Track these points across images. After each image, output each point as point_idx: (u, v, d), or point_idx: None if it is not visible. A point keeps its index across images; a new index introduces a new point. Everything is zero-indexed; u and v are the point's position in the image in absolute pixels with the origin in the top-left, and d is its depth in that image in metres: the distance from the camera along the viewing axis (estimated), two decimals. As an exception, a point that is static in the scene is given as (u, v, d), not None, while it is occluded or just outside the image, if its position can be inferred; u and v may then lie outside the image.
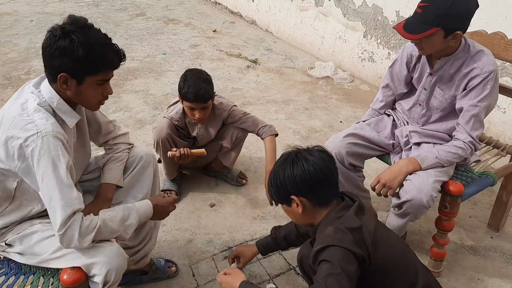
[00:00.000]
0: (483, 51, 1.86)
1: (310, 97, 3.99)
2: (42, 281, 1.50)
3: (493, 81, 1.84)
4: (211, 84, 2.35)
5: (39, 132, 1.35)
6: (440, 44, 1.81)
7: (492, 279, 2.09)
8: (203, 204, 2.58)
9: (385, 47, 4.06)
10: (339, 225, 1.31)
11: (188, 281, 2.06)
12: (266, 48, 5.19)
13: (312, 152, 1.39)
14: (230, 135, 2.58)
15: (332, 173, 1.40)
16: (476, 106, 1.86)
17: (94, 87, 1.45)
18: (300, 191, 1.38)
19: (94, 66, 1.40)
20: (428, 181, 1.80)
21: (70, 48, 1.35)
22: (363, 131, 2.14)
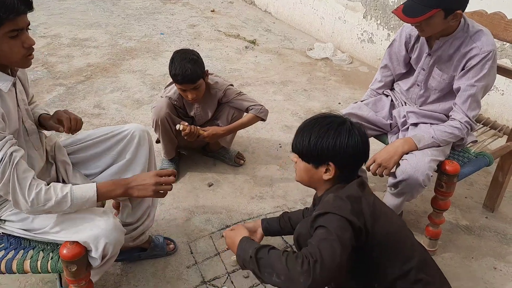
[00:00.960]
0: (482, 31, 1.86)
1: (309, 78, 3.98)
2: (42, 256, 1.51)
3: (492, 60, 1.84)
4: (199, 63, 2.32)
5: None
6: (441, 24, 1.80)
7: (486, 258, 2.13)
8: (201, 184, 2.59)
9: (385, 28, 4.03)
10: (340, 194, 1.32)
11: (186, 258, 2.08)
12: (264, 29, 5.15)
13: (360, 128, 1.39)
14: (226, 115, 2.57)
15: (367, 155, 1.42)
16: (473, 86, 1.86)
17: (8, 41, 1.31)
18: (341, 161, 1.36)
19: None
20: (425, 160, 1.81)
21: None
22: (361, 111, 2.14)
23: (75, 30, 4.88)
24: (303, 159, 1.43)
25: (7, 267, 1.48)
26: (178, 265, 2.04)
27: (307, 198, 2.49)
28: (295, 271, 1.19)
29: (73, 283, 1.48)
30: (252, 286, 1.94)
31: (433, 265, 1.43)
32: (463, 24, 1.86)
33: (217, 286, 1.94)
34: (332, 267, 1.17)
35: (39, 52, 4.27)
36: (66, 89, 3.58)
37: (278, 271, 1.22)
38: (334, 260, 1.18)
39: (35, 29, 4.86)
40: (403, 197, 1.92)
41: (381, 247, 1.32)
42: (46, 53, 4.26)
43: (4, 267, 1.48)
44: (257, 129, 3.11)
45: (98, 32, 4.85)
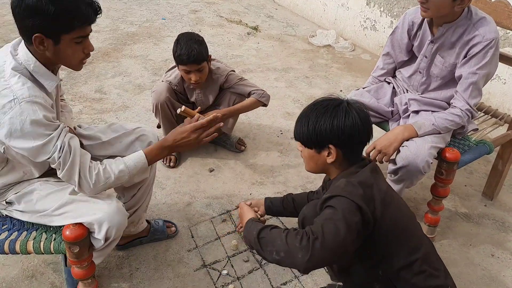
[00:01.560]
0: (485, 18, 1.85)
1: (311, 66, 3.96)
2: (45, 237, 1.53)
3: (494, 48, 1.83)
4: (204, 45, 2.33)
5: (16, 98, 1.30)
6: (447, 7, 1.78)
7: (484, 245, 2.15)
8: (202, 169, 2.61)
9: (388, 15, 4.00)
10: (352, 179, 1.31)
11: (187, 242, 2.11)
12: (267, 15, 5.11)
13: (359, 107, 1.38)
14: (228, 101, 2.57)
15: (370, 134, 1.41)
16: (475, 74, 1.86)
17: (72, 46, 1.37)
18: (340, 142, 1.35)
19: (67, 22, 1.31)
20: (425, 147, 1.82)
21: (39, 6, 1.26)
22: (362, 97, 2.14)
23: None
24: (306, 146, 1.44)
25: (11, 247, 1.50)
26: (179, 249, 2.06)
27: (308, 185, 2.50)
28: (294, 247, 1.20)
29: (75, 264, 1.51)
30: (252, 270, 1.97)
31: (437, 259, 1.43)
32: (466, 11, 1.84)
33: (217, 269, 1.97)
34: (333, 246, 1.18)
35: (40, 36, 4.25)
36: (67, 74, 3.57)
37: (278, 247, 1.24)
38: (335, 240, 1.18)
39: (36, 13, 4.83)
40: (403, 183, 1.93)
41: (388, 235, 1.31)
42: (47, 37, 4.24)
43: (8, 247, 1.49)
44: (258, 116, 3.12)
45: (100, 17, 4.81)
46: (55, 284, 1.87)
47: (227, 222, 2.23)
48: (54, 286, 1.86)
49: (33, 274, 1.90)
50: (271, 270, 1.96)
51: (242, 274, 1.94)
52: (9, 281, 1.87)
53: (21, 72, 1.36)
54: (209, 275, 1.94)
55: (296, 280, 1.92)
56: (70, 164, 1.40)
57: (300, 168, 2.64)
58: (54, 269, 1.93)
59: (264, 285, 1.90)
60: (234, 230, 2.18)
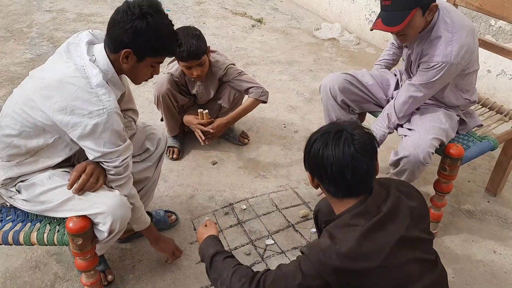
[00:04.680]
0: (441, 38, 1.76)
1: (315, 59, 3.94)
2: (49, 228, 1.54)
3: (441, 72, 1.77)
4: (202, 39, 2.31)
5: (105, 108, 1.40)
6: (421, 23, 1.76)
7: (486, 241, 2.14)
8: (205, 162, 2.61)
9: (394, 9, 3.96)
10: (339, 243, 1.16)
11: (190, 234, 2.11)
12: (272, 8, 5.08)
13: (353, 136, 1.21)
14: (228, 95, 2.57)
15: (363, 166, 1.20)
16: (419, 91, 1.86)
17: (149, 67, 1.53)
18: (319, 175, 1.26)
19: (158, 50, 1.48)
20: (426, 137, 1.82)
21: (145, 30, 1.41)
22: (363, 77, 2.16)
23: (81, 5, 4.83)
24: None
25: (14, 238, 1.51)
26: (182, 241, 2.07)
27: (310, 179, 2.50)
28: (235, 286, 1.22)
29: (78, 256, 1.51)
30: (254, 263, 1.98)
31: None
32: (433, 23, 1.79)
33: (219, 262, 1.97)
34: None
35: (45, 27, 4.24)
36: (71, 65, 3.57)
37: (222, 280, 1.27)
38: None
39: (41, 2, 4.83)
40: (405, 175, 1.92)
41: None
42: (51, 28, 4.23)
43: (12, 238, 1.51)
44: (261, 109, 3.10)
45: (104, 7, 4.81)
46: (58, 274, 1.88)
47: (229, 215, 2.23)
48: (58, 277, 1.87)
49: (36, 265, 1.92)
50: (273, 264, 1.97)
51: (244, 267, 1.95)
52: (12, 271, 1.89)
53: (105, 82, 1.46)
54: (211, 267, 1.95)
55: (297, 274, 1.93)
56: (124, 178, 1.56)
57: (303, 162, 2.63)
58: (57, 260, 1.94)
59: (266, 279, 1.90)
60: (237, 223, 2.18)
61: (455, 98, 1.96)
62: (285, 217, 2.23)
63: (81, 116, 1.38)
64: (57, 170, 1.58)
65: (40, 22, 4.36)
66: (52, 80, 1.42)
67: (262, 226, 2.17)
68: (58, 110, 1.39)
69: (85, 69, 1.43)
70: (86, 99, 1.39)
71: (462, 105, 2.00)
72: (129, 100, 1.80)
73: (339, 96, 2.13)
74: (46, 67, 1.51)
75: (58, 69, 1.45)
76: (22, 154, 1.52)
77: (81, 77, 1.41)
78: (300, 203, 2.33)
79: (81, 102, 1.38)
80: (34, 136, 1.48)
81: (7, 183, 1.56)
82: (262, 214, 2.24)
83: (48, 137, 1.49)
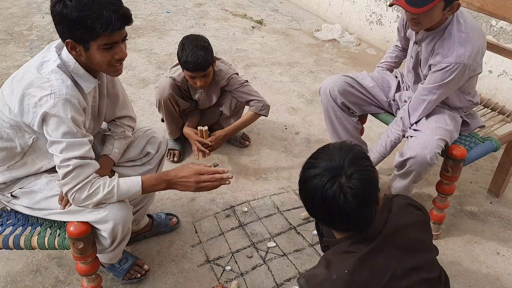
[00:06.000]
0: (455, 38, 1.74)
1: (316, 60, 3.94)
2: (49, 232, 1.53)
3: (455, 73, 1.75)
4: (210, 50, 2.30)
5: (53, 93, 1.34)
6: (438, 16, 1.72)
7: (489, 242, 2.13)
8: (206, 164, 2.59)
9: (394, 9, 3.96)
10: (336, 272, 1.13)
11: (191, 237, 2.10)
12: (272, 9, 5.08)
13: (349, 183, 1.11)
14: (229, 103, 2.56)
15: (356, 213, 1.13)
16: (432, 93, 1.84)
17: (101, 52, 1.37)
18: (311, 214, 1.23)
19: (91, 29, 1.31)
20: (433, 138, 1.80)
21: (65, 13, 1.30)
22: (363, 80, 2.15)
23: (81, 7, 4.82)
24: None
25: (15, 243, 1.50)
26: (183, 244, 2.06)
27: (312, 180, 2.49)
28: None
29: (79, 260, 1.51)
30: (256, 266, 1.97)
31: None
32: (448, 22, 1.77)
33: (221, 265, 1.96)
34: None
35: (45, 29, 4.24)
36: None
37: None
38: None
39: (41, 5, 4.82)
40: (411, 176, 1.90)
41: None
42: (51, 30, 4.23)
43: (12, 243, 1.50)
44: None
45: (104, 9, 4.80)
46: (60, 278, 1.87)
47: (231, 217, 2.22)
48: (59, 281, 1.86)
49: (37, 269, 1.91)
50: (275, 266, 1.96)
51: (245, 270, 1.94)
52: (13, 275, 1.88)
53: (64, 71, 1.40)
54: (213, 270, 1.94)
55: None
56: (64, 184, 1.40)
57: (305, 164, 2.62)
58: (58, 264, 1.93)
59: (268, 281, 1.89)
60: (238, 226, 2.17)
61: (458, 100, 1.95)
62: (287, 219, 2.22)
63: (34, 105, 1.34)
64: (55, 176, 1.57)
65: (40, 24, 4.36)
66: (19, 72, 1.43)
67: (263, 229, 2.16)
68: (18, 100, 1.36)
69: (49, 60, 1.40)
70: (38, 85, 1.35)
71: (465, 107, 1.99)
72: (124, 107, 1.78)
73: (339, 98, 2.12)
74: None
75: (28, 63, 1.46)
76: (10, 157, 1.51)
77: (39, 66, 1.39)
78: (301, 205, 2.30)
79: (34, 89, 1.35)
80: (14, 138, 1.46)
81: (1, 188, 1.56)
82: (263, 216, 2.24)
83: (26, 137, 1.46)
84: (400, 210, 1.24)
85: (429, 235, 1.30)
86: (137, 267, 1.88)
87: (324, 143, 2.76)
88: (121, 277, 1.85)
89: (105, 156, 1.68)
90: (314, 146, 2.78)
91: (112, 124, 1.77)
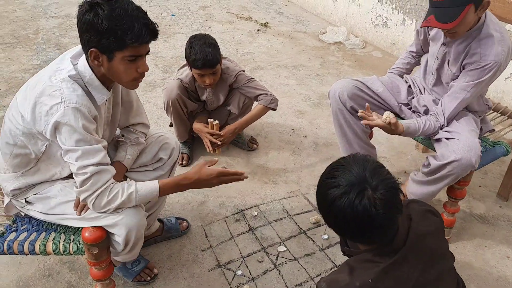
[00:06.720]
0: (493, 38, 1.74)
1: (322, 63, 3.94)
2: (64, 238, 1.54)
3: (492, 71, 1.76)
4: (217, 47, 2.32)
5: (63, 101, 1.34)
6: (473, 20, 1.73)
7: (499, 246, 2.13)
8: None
9: (400, 12, 3.96)
10: (358, 279, 1.14)
11: (201, 241, 2.11)
12: (277, 12, 5.08)
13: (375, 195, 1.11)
14: (237, 101, 2.57)
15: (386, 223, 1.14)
16: (467, 91, 1.83)
17: (125, 63, 1.39)
18: (337, 232, 1.24)
19: (120, 40, 1.33)
20: (475, 140, 1.80)
21: (95, 22, 1.30)
22: (373, 85, 2.15)
23: (86, 10, 4.83)
24: None
25: (30, 248, 1.51)
26: (193, 248, 2.07)
27: (321, 184, 2.49)
28: None
29: (94, 265, 1.51)
30: (267, 270, 1.97)
31: None
32: (482, 22, 1.78)
33: (232, 269, 1.97)
34: None
35: (51, 33, 4.25)
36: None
37: None
38: None
39: (46, 8, 4.84)
40: (446, 181, 1.85)
41: None
42: (57, 34, 4.24)
43: (28, 248, 1.50)
44: (269, 114, 3.08)
45: (109, 12, 4.81)
46: (72, 283, 1.88)
47: (240, 221, 2.23)
48: (71, 285, 1.87)
49: (49, 273, 1.92)
50: (286, 271, 1.96)
51: (257, 275, 1.95)
52: (25, 279, 1.88)
53: (76, 81, 1.40)
54: (224, 275, 1.94)
55: (311, 281, 1.92)
56: (84, 192, 1.41)
57: (313, 167, 2.63)
58: (70, 268, 1.94)
59: (279, 286, 1.90)
60: (248, 230, 2.18)
61: (477, 103, 1.95)
62: (297, 224, 2.23)
63: (46, 113, 1.35)
64: (69, 182, 1.58)
65: (46, 28, 4.37)
66: (33, 81, 1.44)
67: (273, 233, 2.17)
68: (30, 109, 1.37)
69: (62, 70, 1.40)
70: (49, 93, 1.35)
71: (481, 111, 1.99)
72: (137, 114, 1.79)
73: (348, 102, 2.12)
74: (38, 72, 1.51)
75: (42, 72, 1.46)
76: (24, 163, 1.52)
77: (51, 75, 1.39)
78: (311, 209, 2.32)
79: (45, 97, 1.35)
80: (28, 145, 1.47)
81: (16, 194, 1.57)
82: (273, 220, 2.24)
83: (39, 144, 1.47)
84: (420, 218, 1.23)
85: (446, 242, 1.31)
86: (148, 270, 1.89)
87: (332, 146, 2.80)
88: (131, 279, 1.86)
89: (118, 162, 1.69)
90: (322, 149, 2.78)
91: (125, 131, 1.78)
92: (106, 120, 1.62)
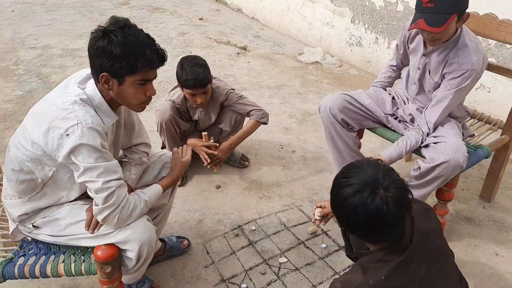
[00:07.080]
0: (468, 48, 1.88)
1: (302, 82, 4.08)
2: (73, 259, 1.55)
3: (470, 79, 1.90)
4: (207, 68, 2.41)
5: (79, 123, 1.38)
6: (453, 29, 1.87)
7: (488, 245, 2.25)
8: (209, 186, 2.65)
9: (373, 31, 4.17)
10: (372, 277, 1.20)
11: (203, 258, 2.13)
12: (254, 35, 5.24)
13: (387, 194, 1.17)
14: (229, 119, 2.65)
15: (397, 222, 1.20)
16: (448, 98, 1.96)
17: (135, 87, 1.45)
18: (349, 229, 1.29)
19: (132, 65, 1.39)
20: (461, 142, 1.91)
21: (108, 48, 1.37)
22: (360, 98, 2.27)
23: (65, 40, 4.86)
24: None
25: (42, 271, 1.51)
26: (196, 266, 2.09)
27: (313, 196, 2.57)
28: None
29: (106, 284, 1.53)
30: (270, 282, 2.01)
31: None
32: (458, 33, 1.91)
33: (236, 283, 2.00)
34: None
35: (32, 63, 4.25)
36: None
37: None
38: None
39: (24, 40, 4.83)
40: (436, 183, 1.94)
41: None
42: (39, 64, 4.24)
43: (39, 271, 1.50)
44: (257, 131, 3.13)
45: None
46: (77, 307, 1.87)
47: (240, 236, 2.27)
48: (76, 310, 1.86)
49: (53, 299, 1.90)
50: (289, 281, 2.01)
51: (261, 287, 1.98)
52: (29, 307, 1.86)
53: (87, 103, 1.44)
54: (229, 289, 1.97)
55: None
56: (109, 207, 1.44)
57: (304, 180, 2.71)
58: (74, 293, 1.93)
59: (284, 296, 1.94)
60: (248, 244, 2.22)
61: (458, 109, 2.09)
62: (295, 235, 2.28)
63: (59, 136, 1.38)
64: (77, 204, 1.60)
65: (27, 59, 4.36)
66: (40, 107, 1.48)
67: (273, 245, 2.21)
68: (43, 133, 1.40)
69: (71, 95, 1.44)
70: (63, 116, 1.39)
71: (461, 117, 2.13)
72: (139, 135, 1.84)
73: (339, 115, 2.23)
74: (43, 98, 1.54)
75: (49, 97, 1.50)
76: (31, 189, 1.54)
77: (62, 99, 1.43)
78: (306, 220, 2.39)
79: (59, 121, 1.39)
80: (34, 170, 1.49)
81: (24, 219, 1.57)
82: (271, 233, 2.29)
83: (46, 170, 1.49)
84: (420, 216, 1.31)
85: (444, 239, 1.39)
86: None
87: (321, 160, 2.90)
88: None
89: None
90: (311, 163, 2.87)
91: (128, 151, 1.82)
92: (110, 142, 1.66)
